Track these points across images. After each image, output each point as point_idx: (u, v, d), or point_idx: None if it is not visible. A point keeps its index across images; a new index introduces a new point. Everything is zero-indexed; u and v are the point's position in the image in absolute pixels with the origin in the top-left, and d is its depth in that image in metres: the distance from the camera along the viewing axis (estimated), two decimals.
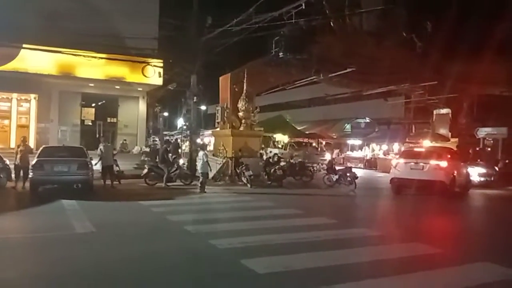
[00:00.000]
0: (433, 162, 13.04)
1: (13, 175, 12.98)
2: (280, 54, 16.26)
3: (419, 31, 18.01)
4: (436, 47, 17.02)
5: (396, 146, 27.33)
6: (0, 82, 20.83)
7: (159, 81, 22.95)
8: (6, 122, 23.67)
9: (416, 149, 16.17)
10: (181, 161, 16.02)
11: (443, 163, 13.04)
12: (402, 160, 14.02)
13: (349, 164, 21.81)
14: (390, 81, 21.61)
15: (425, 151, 14.52)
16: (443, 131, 26.02)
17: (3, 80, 20.65)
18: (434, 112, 27.03)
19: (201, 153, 13.70)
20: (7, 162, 13.45)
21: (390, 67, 18.63)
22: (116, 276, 5.03)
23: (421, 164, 13.17)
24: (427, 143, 23.01)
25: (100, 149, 14.23)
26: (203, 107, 36.61)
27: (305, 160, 17.68)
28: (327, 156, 23.48)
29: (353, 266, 5.54)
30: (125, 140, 25.18)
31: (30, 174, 11.63)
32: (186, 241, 6.87)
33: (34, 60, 20.50)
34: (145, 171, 14.80)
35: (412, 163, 13.40)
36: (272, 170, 15.73)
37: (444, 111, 26.26)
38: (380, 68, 18.64)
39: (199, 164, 13.62)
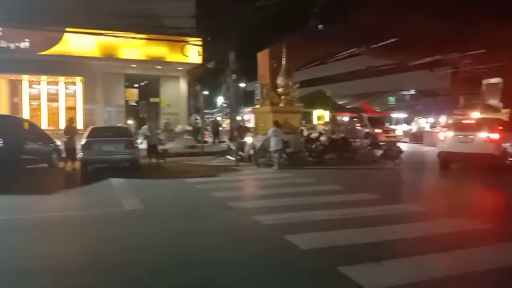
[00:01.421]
0: (482, 134, 12.42)
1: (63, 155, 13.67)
2: (320, 26, 15.85)
3: None
4: (485, 12, 16.02)
5: (443, 119, 26.31)
6: (47, 66, 21.76)
7: (198, 60, 23.14)
8: (55, 104, 24.76)
9: (464, 121, 15.43)
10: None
11: (494, 135, 12.39)
12: (449, 133, 13.46)
13: (393, 138, 21.29)
14: (436, 51, 20.67)
15: (474, 123, 13.82)
16: (494, 101, 24.65)
17: (50, 64, 21.53)
18: (484, 82, 25.63)
19: (271, 130, 13.76)
20: (58, 142, 14.13)
21: (435, 36, 17.77)
22: (164, 251, 5.20)
23: (470, 136, 12.57)
24: (476, 115, 21.96)
25: (145, 128, 14.66)
26: (242, 85, 36.61)
27: (347, 135, 17.34)
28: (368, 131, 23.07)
29: (399, 242, 5.45)
30: (168, 119, 25.73)
31: (80, 154, 12.14)
32: (230, 217, 6.98)
33: (77, 43, 21.19)
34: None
35: (461, 136, 12.81)
36: (313, 146, 15.58)
37: (494, 80, 24.80)
38: (425, 37, 17.82)
39: (273, 141, 13.65)
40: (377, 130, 23.32)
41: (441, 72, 29.14)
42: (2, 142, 11.10)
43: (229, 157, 13.94)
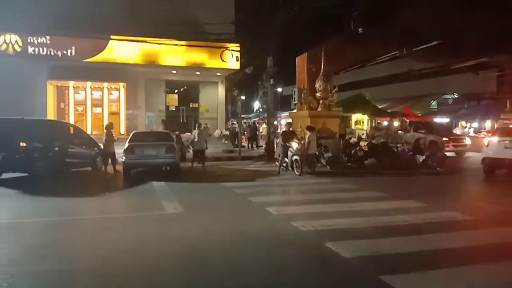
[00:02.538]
0: None
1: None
2: (359, 29, 15.60)
3: None
4: None
5: (488, 123, 25.22)
6: (92, 73, 22.64)
7: (236, 65, 23.34)
8: (99, 110, 25.65)
9: (510, 126, 14.72)
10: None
11: None
12: (494, 138, 12.88)
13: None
14: (481, 53, 19.87)
15: None
16: None
17: (95, 71, 22.40)
18: None
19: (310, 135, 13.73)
20: (102, 147, 14.62)
21: (480, 37, 17.08)
22: (206, 256, 5.23)
23: None
24: None
25: (194, 133, 14.90)
26: (279, 89, 36.56)
27: (388, 140, 16.95)
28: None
29: (446, 252, 5.23)
30: (206, 124, 26.05)
31: (123, 158, 12.50)
32: (269, 223, 6.95)
33: (121, 50, 21.89)
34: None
35: (507, 142, 12.23)
36: (353, 151, 15.32)
37: None
38: (469, 39, 17.17)
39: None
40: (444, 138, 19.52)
41: (486, 75, 27.96)
42: (47, 147, 11.66)
43: (276, 163, 13.91)
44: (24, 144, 11.25)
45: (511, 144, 12.01)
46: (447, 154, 18.07)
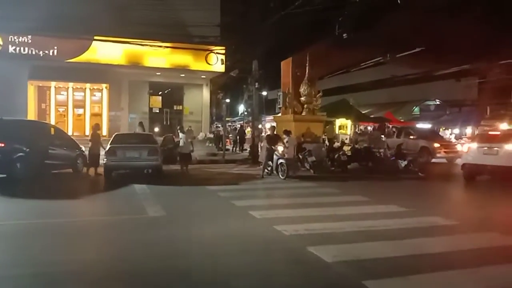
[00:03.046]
0: (509, 146, 11.99)
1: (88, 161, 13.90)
2: (344, 35, 15.73)
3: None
4: None
5: (469, 130, 25.67)
6: (75, 73, 22.26)
7: (221, 68, 23.26)
8: (81, 111, 25.24)
9: (491, 133, 14.95)
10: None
11: None
12: (474, 145, 13.08)
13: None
14: (463, 60, 20.22)
15: (500, 135, 13.36)
16: None
17: (77, 71, 22.04)
18: None
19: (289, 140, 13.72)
20: (83, 148, 14.37)
21: (463, 44, 17.37)
22: (187, 260, 5.14)
23: (495, 148, 12.14)
24: (504, 126, 21.32)
25: (182, 137, 14.66)
26: (264, 93, 36.66)
27: (371, 145, 17.09)
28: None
29: (427, 257, 5.24)
30: (190, 126, 25.86)
31: (104, 160, 12.30)
32: (252, 227, 6.89)
33: (104, 51, 21.59)
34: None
35: (485, 148, 12.41)
36: (336, 155, 15.38)
37: None
38: (452, 46, 17.45)
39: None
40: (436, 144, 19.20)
41: (468, 82, 28.52)
42: (27, 147, 11.39)
43: (260, 166, 13.84)
44: (3, 145, 10.97)
45: (490, 150, 12.18)
46: (437, 160, 18.27)
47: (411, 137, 20.24)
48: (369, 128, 26.11)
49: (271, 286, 4.39)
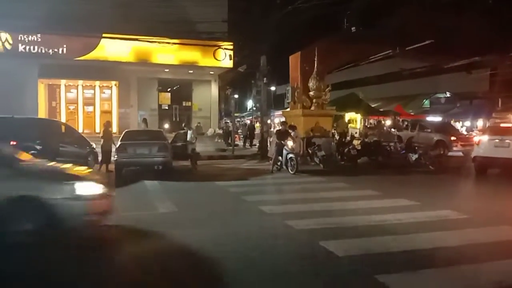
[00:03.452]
0: None
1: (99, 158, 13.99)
2: (353, 29, 15.62)
3: None
4: None
5: (480, 122, 25.38)
6: (84, 71, 22.44)
7: (229, 64, 23.27)
8: (90, 108, 25.46)
9: (502, 125, 14.75)
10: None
11: None
12: (485, 137, 12.92)
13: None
14: (474, 52, 19.97)
15: (511, 127, 13.22)
16: None
17: (87, 69, 22.21)
18: None
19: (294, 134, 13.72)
20: (94, 145, 14.47)
21: (473, 37, 17.14)
22: (199, 256, 5.18)
23: (507, 141, 11.98)
24: None
25: (190, 134, 14.64)
26: (272, 88, 36.57)
27: (381, 138, 16.98)
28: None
29: (439, 251, 5.22)
30: (199, 123, 26.02)
31: (115, 157, 12.39)
32: (263, 222, 6.91)
33: (113, 48, 21.72)
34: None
35: (497, 140, 12.25)
36: (346, 150, 15.32)
37: None
38: (462, 38, 17.23)
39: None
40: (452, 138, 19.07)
41: (479, 74, 28.15)
42: (38, 146, 11.48)
43: (270, 161, 13.86)
44: (14, 143, 11.08)
45: (502, 143, 12.03)
46: (454, 153, 18.04)
47: (426, 130, 20.06)
48: (382, 122, 25.91)
49: (283, 280, 4.40)
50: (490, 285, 4.14)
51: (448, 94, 28.65)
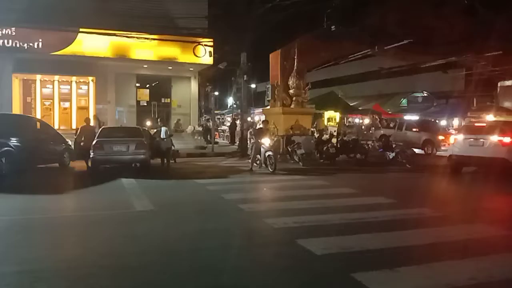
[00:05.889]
0: (494, 137, 12.08)
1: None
2: (332, 27, 15.69)
3: None
4: (502, 13, 15.66)
5: (456, 121, 25.93)
6: (60, 66, 21.88)
7: (209, 61, 23.04)
8: (67, 104, 24.90)
9: (477, 124, 15.08)
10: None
11: (506, 139, 12.05)
12: (460, 136, 13.19)
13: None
14: (450, 52, 20.34)
15: (486, 126, 13.45)
16: (508, 104, 24.30)
17: (63, 64, 21.66)
18: (499, 84, 25.25)
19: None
20: (70, 142, 14.17)
21: (450, 37, 17.44)
22: (177, 254, 5.12)
23: (481, 140, 12.25)
24: (490, 118, 21.56)
25: (163, 132, 14.40)
26: (253, 85, 36.55)
27: (359, 137, 17.18)
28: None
29: (415, 248, 5.30)
30: (179, 119, 25.76)
31: (91, 154, 12.15)
32: (241, 220, 6.90)
33: (90, 43, 21.21)
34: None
35: (471, 139, 12.52)
36: (325, 148, 15.44)
37: (509, 83, 24.48)
38: (439, 38, 17.51)
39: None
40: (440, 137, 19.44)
41: (455, 74, 28.76)
42: (12, 142, 11.17)
43: (249, 160, 13.80)
44: None
45: (476, 142, 12.28)
46: (441, 153, 18.31)
47: (414, 129, 20.41)
48: (356, 120, 26.24)
49: (260, 279, 4.38)
50: (465, 281, 4.21)
51: (425, 93, 29.14)
